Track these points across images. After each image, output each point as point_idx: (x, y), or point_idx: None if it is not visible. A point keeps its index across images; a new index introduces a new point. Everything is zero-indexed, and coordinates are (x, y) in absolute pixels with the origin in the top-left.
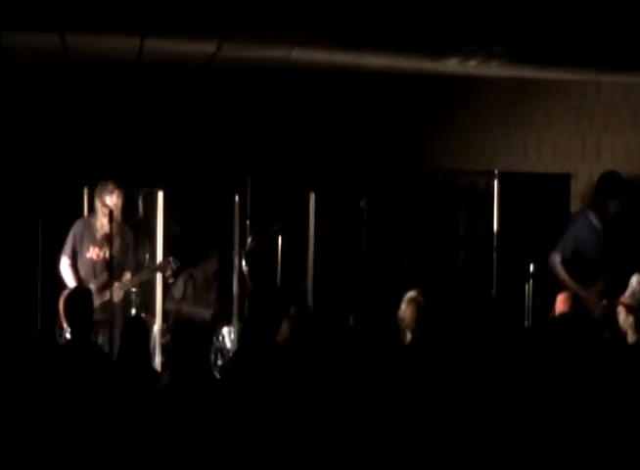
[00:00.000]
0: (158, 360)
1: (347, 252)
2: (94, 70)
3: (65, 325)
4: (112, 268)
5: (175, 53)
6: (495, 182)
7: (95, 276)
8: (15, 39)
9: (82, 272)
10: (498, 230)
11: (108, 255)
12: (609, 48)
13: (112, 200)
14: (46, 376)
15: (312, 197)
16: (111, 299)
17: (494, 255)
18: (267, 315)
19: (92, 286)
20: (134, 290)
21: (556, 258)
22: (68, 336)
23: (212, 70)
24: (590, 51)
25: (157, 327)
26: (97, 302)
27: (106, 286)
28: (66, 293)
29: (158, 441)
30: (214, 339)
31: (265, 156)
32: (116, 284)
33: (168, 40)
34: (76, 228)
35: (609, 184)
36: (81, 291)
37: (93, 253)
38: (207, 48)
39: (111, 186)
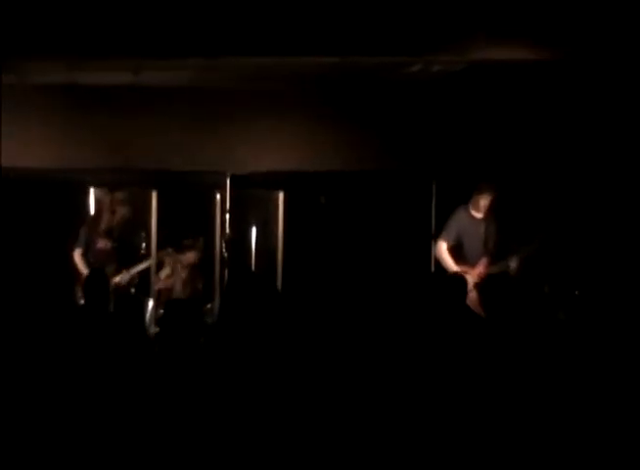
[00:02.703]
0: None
1: (312, 245)
2: None
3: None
4: (118, 257)
5: None
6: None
7: (105, 264)
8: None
9: (94, 261)
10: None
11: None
12: None
13: (116, 199)
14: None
15: (281, 196)
16: (118, 282)
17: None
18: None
19: None
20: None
21: (442, 245)
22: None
23: None
24: None
25: (151, 303)
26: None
27: (115, 272)
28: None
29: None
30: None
31: (244, 160)
32: (124, 271)
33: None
34: (88, 223)
35: (479, 181)
36: (97, 271)
37: (102, 244)
38: None
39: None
